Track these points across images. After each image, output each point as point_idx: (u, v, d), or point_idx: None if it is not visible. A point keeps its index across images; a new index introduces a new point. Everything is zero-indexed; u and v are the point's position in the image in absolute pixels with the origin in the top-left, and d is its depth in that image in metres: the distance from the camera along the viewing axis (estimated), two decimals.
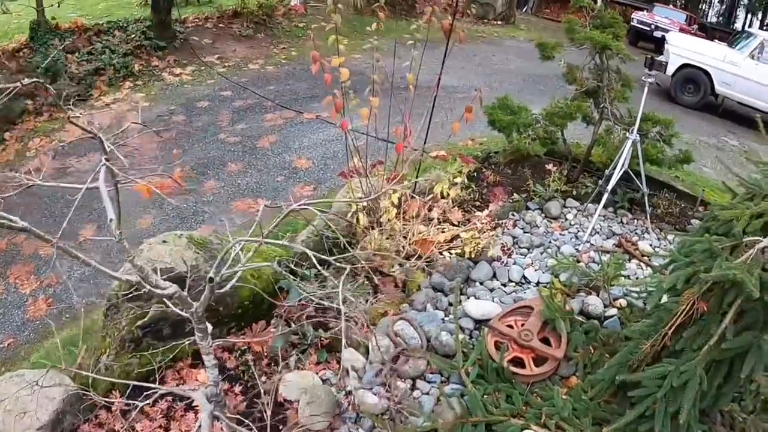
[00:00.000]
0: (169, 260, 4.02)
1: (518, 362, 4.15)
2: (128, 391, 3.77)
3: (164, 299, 2.18)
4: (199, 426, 1.86)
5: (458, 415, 3.70)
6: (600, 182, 6.15)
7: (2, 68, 9.63)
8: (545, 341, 4.25)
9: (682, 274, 3.24)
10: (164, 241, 4.18)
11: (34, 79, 2.28)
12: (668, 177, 6.82)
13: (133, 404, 3.99)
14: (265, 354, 4.33)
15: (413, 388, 4.13)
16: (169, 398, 3.97)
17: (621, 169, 5.72)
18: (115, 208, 1.85)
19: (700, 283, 3.14)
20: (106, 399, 3.84)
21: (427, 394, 4.06)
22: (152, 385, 2.39)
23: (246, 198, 6.90)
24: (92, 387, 3.80)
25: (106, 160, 1.84)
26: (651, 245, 5.84)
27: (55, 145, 8.24)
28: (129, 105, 9.35)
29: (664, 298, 3.55)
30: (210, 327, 2.42)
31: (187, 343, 3.75)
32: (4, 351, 5.40)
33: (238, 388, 4.13)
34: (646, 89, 5.78)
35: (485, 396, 3.87)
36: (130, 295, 3.84)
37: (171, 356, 4.15)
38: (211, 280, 1.90)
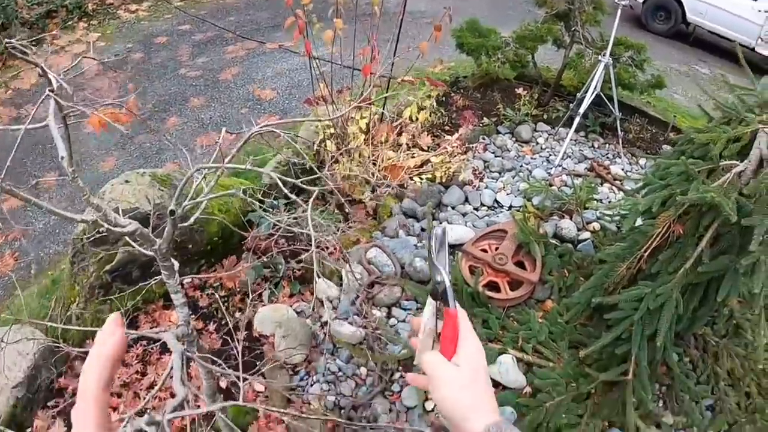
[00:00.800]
0: (133, 200, 3.89)
1: (493, 286, 4.14)
2: None
3: (129, 240, 2.06)
4: (171, 368, 1.78)
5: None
6: (571, 106, 6.07)
7: None
8: (520, 265, 4.23)
9: (657, 197, 3.20)
10: (127, 181, 4.03)
11: None
12: (640, 102, 6.75)
13: None
14: (238, 290, 4.26)
15: (389, 315, 4.11)
16: (144, 342, 3.89)
17: (593, 93, 5.64)
18: (66, 146, 1.72)
19: (676, 206, 3.10)
20: (80, 349, 3.77)
21: (404, 321, 4.05)
22: (133, 333, 2.29)
23: (210, 132, 6.72)
24: (63, 339, 3.78)
25: (51, 91, 1.69)
26: (623, 170, 5.84)
27: (10, 94, 7.93)
28: (84, 46, 9.01)
29: (639, 222, 3.53)
30: (177, 264, 2.32)
31: (154, 283, 3.68)
32: None
33: (212, 326, 4.06)
34: (618, 12, 5.65)
35: None
36: (95, 239, 3.71)
37: (141, 299, 4.07)
38: (172, 212, 1.80)
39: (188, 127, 6.90)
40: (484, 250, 4.31)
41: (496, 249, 4.29)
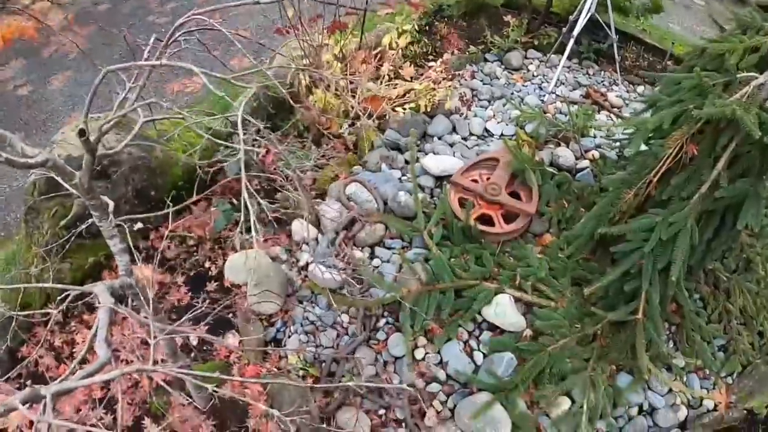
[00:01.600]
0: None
1: (486, 220, 3.81)
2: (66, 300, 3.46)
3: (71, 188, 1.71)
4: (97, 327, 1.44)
5: (423, 282, 3.36)
6: (563, 31, 5.65)
7: None
8: (514, 195, 3.90)
9: (668, 113, 2.86)
10: (84, 123, 3.65)
11: None
12: (635, 30, 6.34)
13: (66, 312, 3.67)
14: (208, 237, 3.91)
15: (372, 256, 3.77)
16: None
17: (587, 15, 5.21)
18: None
19: (690, 123, 2.77)
20: (42, 311, 3.52)
21: (388, 261, 3.72)
22: (59, 286, 1.96)
23: (182, 78, 6.31)
24: (24, 304, 3.55)
25: None
26: (620, 97, 5.45)
27: None
28: (48, 3, 8.56)
29: (643, 147, 3.20)
30: (111, 204, 1.96)
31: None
32: None
33: (180, 279, 3.72)
34: None
35: (452, 259, 3.54)
36: (47, 193, 3.37)
37: (104, 255, 3.78)
38: (82, 132, 1.43)
39: (158, 74, 6.47)
40: (475, 181, 3.96)
41: (488, 179, 3.94)
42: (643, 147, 3.19)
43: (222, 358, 3.33)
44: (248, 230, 3.76)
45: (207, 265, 3.83)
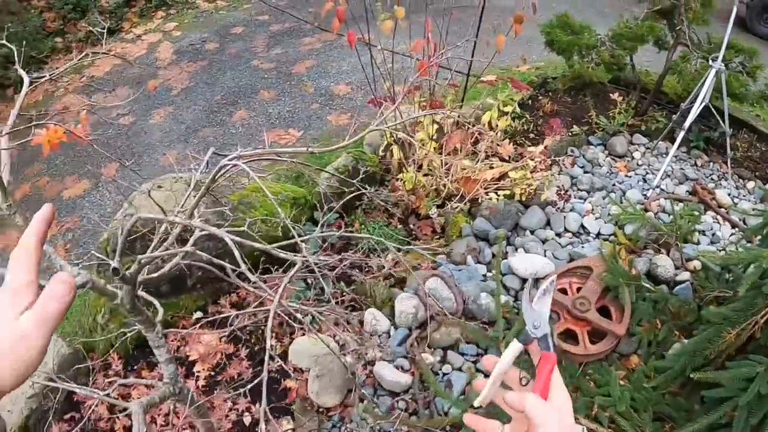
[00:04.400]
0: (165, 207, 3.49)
1: (570, 335, 3.52)
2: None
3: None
4: None
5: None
6: (674, 117, 5.34)
7: (29, 6, 9.21)
8: (604, 311, 3.58)
9: None
10: (159, 186, 3.62)
11: None
12: (748, 115, 5.93)
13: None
14: (278, 312, 3.79)
15: (443, 360, 3.55)
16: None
17: (701, 103, 4.88)
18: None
19: None
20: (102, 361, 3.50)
21: (460, 369, 3.48)
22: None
23: (277, 128, 6.33)
24: (87, 350, 3.62)
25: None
26: (729, 194, 5.05)
27: (85, 81, 7.79)
28: (160, 35, 8.84)
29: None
30: (161, 311, 1.87)
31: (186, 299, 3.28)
32: None
33: (244, 352, 3.67)
34: (734, 11, 4.88)
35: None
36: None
37: (171, 314, 3.83)
38: (115, 272, 1.31)
39: (255, 122, 6.54)
40: (564, 291, 3.68)
41: (578, 290, 3.64)
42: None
43: None
44: (320, 313, 3.67)
45: (272, 342, 3.72)
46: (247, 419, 3.36)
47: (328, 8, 3.78)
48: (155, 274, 1.73)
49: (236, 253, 1.42)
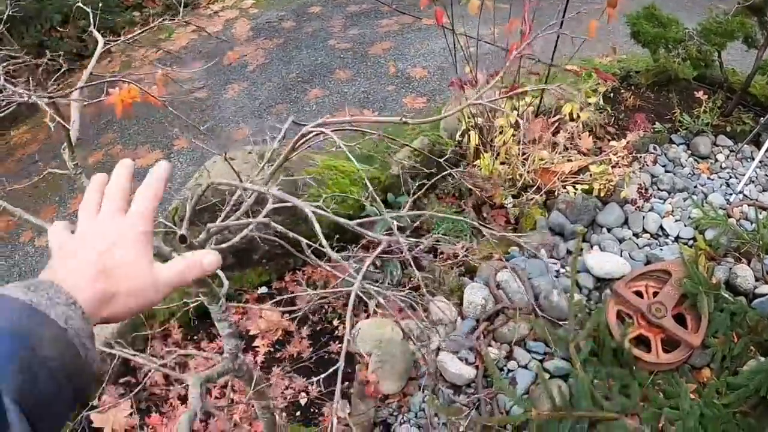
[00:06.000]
0: (233, 178, 3.43)
1: (642, 341, 3.32)
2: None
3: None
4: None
5: (556, 406, 2.88)
6: (761, 120, 5.05)
7: None
8: (680, 319, 3.36)
9: None
10: (232, 158, 3.57)
11: None
12: None
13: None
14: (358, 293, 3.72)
15: (509, 356, 3.40)
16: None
17: None
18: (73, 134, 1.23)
19: None
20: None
21: (525, 367, 3.34)
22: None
23: (351, 108, 6.25)
24: (146, 316, 3.58)
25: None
26: None
27: (160, 54, 7.87)
28: (237, 12, 8.87)
29: None
30: (226, 283, 1.79)
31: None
32: None
33: (305, 330, 3.58)
34: None
35: (595, 381, 3.05)
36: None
37: (234, 287, 3.79)
38: (183, 239, 1.22)
39: (329, 101, 6.48)
40: (639, 294, 3.46)
41: (655, 294, 3.43)
42: None
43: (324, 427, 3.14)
44: (385, 297, 3.56)
45: (335, 323, 3.64)
46: (303, 400, 3.30)
47: None
48: (224, 245, 1.65)
49: (316, 226, 1.33)
